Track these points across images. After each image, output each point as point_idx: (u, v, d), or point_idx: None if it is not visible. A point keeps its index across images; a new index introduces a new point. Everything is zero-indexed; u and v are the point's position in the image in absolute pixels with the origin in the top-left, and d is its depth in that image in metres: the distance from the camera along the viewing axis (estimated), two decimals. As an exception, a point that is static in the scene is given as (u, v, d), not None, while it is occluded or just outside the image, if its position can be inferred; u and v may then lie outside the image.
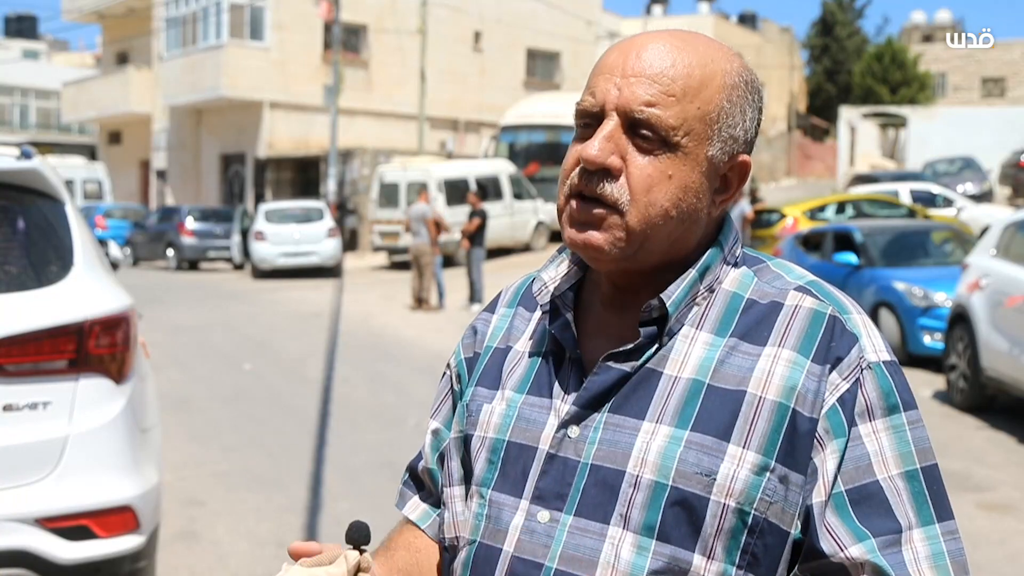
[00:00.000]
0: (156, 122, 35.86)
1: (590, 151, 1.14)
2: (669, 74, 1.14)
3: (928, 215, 19.35)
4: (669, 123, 1.13)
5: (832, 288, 1.20)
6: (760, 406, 1.11)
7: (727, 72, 1.17)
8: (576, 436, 1.17)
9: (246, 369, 10.71)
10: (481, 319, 1.38)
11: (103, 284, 3.68)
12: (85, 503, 3.45)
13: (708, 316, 1.18)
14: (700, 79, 1.15)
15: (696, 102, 1.14)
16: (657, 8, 49.76)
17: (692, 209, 1.16)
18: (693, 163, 1.15)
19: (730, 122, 1.16)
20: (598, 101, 1.16)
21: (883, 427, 1.11)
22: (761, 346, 1.14)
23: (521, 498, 1.18)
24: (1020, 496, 6.36)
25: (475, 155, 29.64)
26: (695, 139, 1.14)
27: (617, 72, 1.15)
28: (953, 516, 1.13)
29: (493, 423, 1.24)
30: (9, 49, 49.57)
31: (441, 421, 1.37)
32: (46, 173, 3.69)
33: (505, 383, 1.26)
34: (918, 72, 43.31)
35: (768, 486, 1.10)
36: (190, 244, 25.03)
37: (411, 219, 16.11)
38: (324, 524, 5.57)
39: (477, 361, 1.33)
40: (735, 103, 1.17)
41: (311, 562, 1.17)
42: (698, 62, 1.15)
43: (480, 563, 1.20)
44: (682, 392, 1.14)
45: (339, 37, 28.19)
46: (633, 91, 1.14)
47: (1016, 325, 7.78)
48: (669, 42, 1.16)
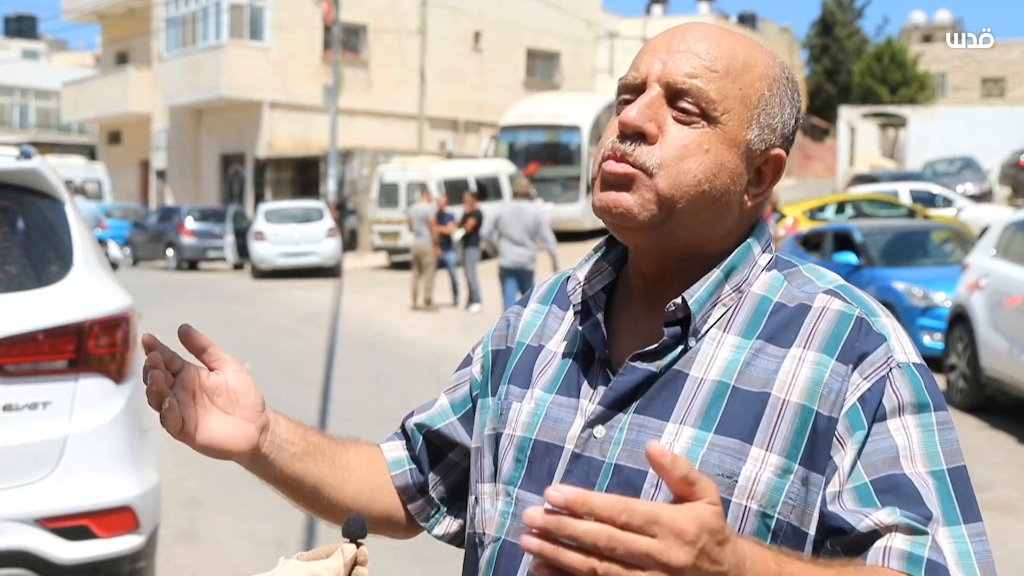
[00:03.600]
0: (156, 122, 35.85)
1: (628, 115, 1.14)
2: (713, 52, 1.16)
3: (928, 215, 19.35)
4: (710, 96, 1.13)
5: (862, 293, 1.19)
6: (784, 408, 1.10)
7: (770, 65, 1.19)
8: (602, 436, 1.17)
9: (246, 369, 10.71)
10: (513, 311, 1.39)
11: (103, 284, 3.68)
12: (85, 503, 3.45)
13: (736, 319, 1.17)
14: (743, 63, 1.16)
15: (738, 83, 1.15)
16: (657, 8, 49.76)
17: (725, 189, 1.15)
18: (731, 143, 1.15)
19: (769, 111, 1.17)
20: (641, 74, 1.17)
21: (913, 424, 1.09)
22: (787, 348, 1.14)
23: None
24: (1020, 496, 6.36)
25: (475, 155, 29.63)
26: (734, 118, 1.15)
27: (663, 49, 1.17)
28: (981, 519, 1.09)
29: (521, 422, 1.24)
30: (9, 49, 49.56)
31: (449, 400, 1.40)
32: (46, 173, 3.68)
33: (535, 382, 1.27)
34: (918, 72, 43.30)
35: (791, 489, 1.09)
36: (190, 244, 25.02)
37: (413, 219, 16.11)
38: (323, 524, 5.56)
39: (508, 356, 1.33)
40: (775, 94, 1.18)
41: (308, 556, 1.17)
42: (742, 49, 1.17)
43: (504, 560, 1.21)
44: (707, 394, 1.14)
45: (339, 37, 28.20)
46: (677, 64, 1.15)
47: (1016, 325, 7.78)
48: (716, 29, 1.19)
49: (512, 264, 12.07)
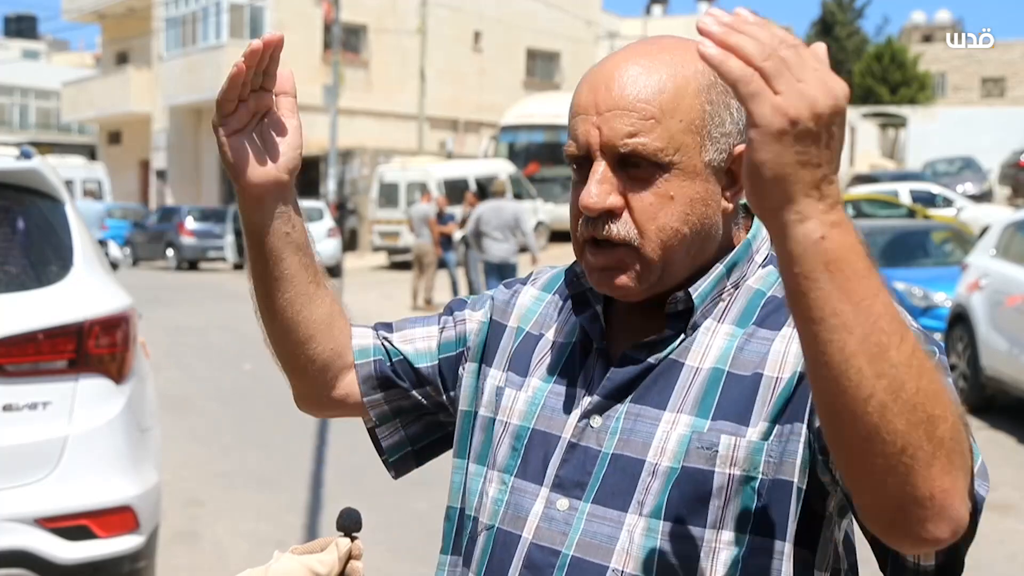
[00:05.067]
0: (156, 122, 35.85)
1: (587, 199, 1.14)
2: (643, 98, 1.12)
3: (928, 215, 19.34)
4: (656, 147, 1.12)
5: None
6: (776, 386, 1.12)
7: (700, 72, 1.14)
8: (598, 426, 1.18)
9: (246, 369, 10.70)
10: (512, 289, 1.38)
11: (103, 284, 3.68)
12: (85, 503, 3.45)
13: (730, 310, 1.19)
14: (674, 92, 1.13)
15: (677, 116, 1.13)
16: (657, 8, 49.77)
17: (703, 218, 1.16)
18: (691, 175, 1.14)
19: (717, 122, 1.15)
20: (582, 145, 1.16)
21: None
22: (777, 330, 1.15)
23: (541, 485, 1.20)
24: (1020, 496, 6.37)
25: (475, 155, 29.62)
26: (687, 152, 1.13)
27: (592, 110, 1.15)
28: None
29: (518, 410, 1.25)
30: (9, 49, 49.59)
31: (438, 342, 1.37)
32: (46, 173, 3.69)
33: (533, 371, 1.28)
34: (918, 72, 43.29)
35: (771, 447, 1.10)
36: (190, 244, 25.02)
37: (413, 219, 16.12)
38: (324, 524, 5.57)
39: (504, 335, 1.33)
40: (716, 102, 1.15)
41: (302, 549, 1.18)
42: (668, 74, 1.14)
43: (499, 548, 1.21)
44: (702, 382, 1.15)
45: (339, 37, 28.20)
46: (611, 126, 1.13)
47: (1016, 325, 7.78)
48: (634, 63, 1.15)
49: (497, 259, 12.77)
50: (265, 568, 1.17)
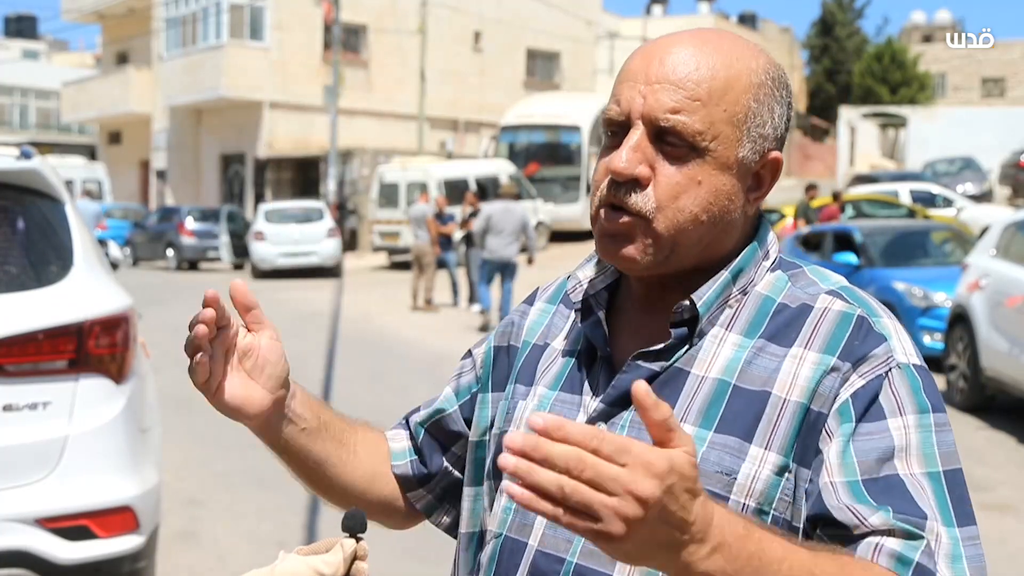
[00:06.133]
0: (156, 122, 35.85)
1: (617, 163, 1.13)
2: (693, 78, 1.13)
3: (928, 215, 19.35)
4: (696, 128, 1.12)
5: (864, 294, 1.20)
6: (784, 408, 1.11)
7: (753, 71, 1.16)
8: None
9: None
10: (519, 311, 1.40)
11: (103, 284, 3.68)
12: (85, 503, 3.45)
13: (738, 318, 1.18)
14: (725, 81, 1.14)
15: (722, 105, 1.13)
16: (657, 8, 49.78)
17: (724, 212, 1.16)
18: (723, 166, 1.14)
19: (759, 121, 1.16)
20: (623, 110, 1.15)
21: (911, 424, 1.09)
22: (788, 347, 1.14)
23: None
24: (1020, 496, 6.37)
25: (475, 155, 29.64)
26: (724, 142, 1.13)
27: (641, 79, 1.15)
28: (975, 523, 1.08)
29: (525, 419, 1.26)
30: (9, 49, 49.57)
31: (453, 389, 1.41)
32: (46, 173, 3.68)
33: (539, 380, 1.28)
34: (918, 72, 43.30)
35: (786, 486, 1.10)
36: (190, 244, 25.01)
37: (412, 219, 16.13)
38: (324, 524, 5.57)
39: (513, 355, 1.34)
40: (762, 102, 1.16)
41: (307, 550, 1.18)
42: (722, 63, 1.14)
43: (505, 556, 1.22)
44: (708, 392, 1.14)
45: (339, 37, 28.20)
46: (657, 98, 1.13)
47: (1016, 325, 7.78)
48: (692, 44, 1.15)
49: (500, 259, 13.04)
50: (270, 569, 1.17)
